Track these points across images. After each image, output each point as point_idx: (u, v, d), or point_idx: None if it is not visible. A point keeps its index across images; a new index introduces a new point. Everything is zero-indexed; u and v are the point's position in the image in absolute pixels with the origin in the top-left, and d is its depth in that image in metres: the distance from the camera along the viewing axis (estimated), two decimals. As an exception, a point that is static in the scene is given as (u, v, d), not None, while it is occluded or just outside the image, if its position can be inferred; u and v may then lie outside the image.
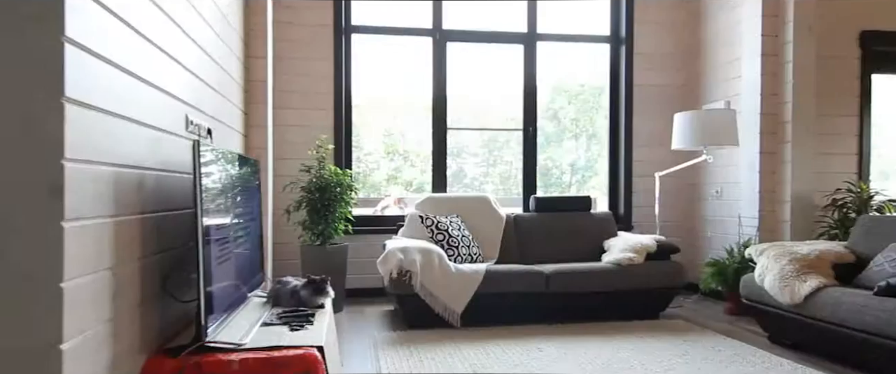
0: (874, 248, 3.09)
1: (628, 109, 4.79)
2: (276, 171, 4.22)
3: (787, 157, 3.89)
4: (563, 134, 5.13)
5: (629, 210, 4.80)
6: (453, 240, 3.77)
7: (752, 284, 3.23)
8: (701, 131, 3.75)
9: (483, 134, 5.06)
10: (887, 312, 2.46)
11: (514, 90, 4.78)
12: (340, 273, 3.90)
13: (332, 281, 2.43)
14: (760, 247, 3.30)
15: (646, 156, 4.81)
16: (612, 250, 3.87)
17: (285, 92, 4.34)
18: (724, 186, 4.40)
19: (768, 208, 3.98)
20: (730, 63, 4.36)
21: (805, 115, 3.89)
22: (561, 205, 4.28)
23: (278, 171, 4.25)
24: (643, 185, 4.81)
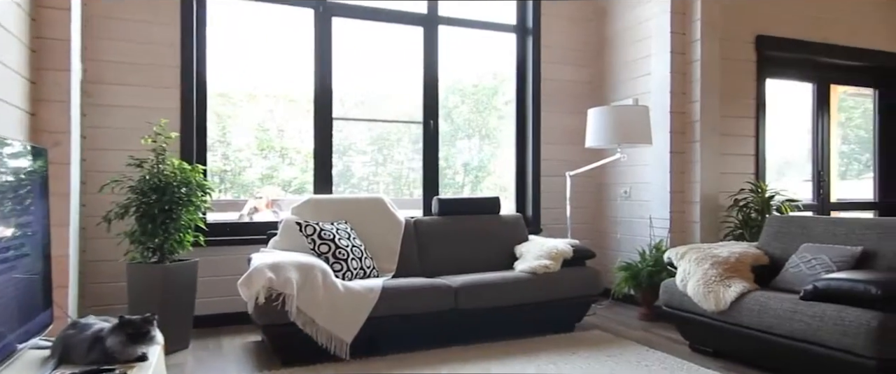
0: (786, 249, 3.04)
1: (536, 104, 4.55)
2: (90, 164, 3.35)
3: (696, 156, 3.83)
4: (457, 133, 4.81)
5: (537, 212, 4.56)
6: (341, 251, 3.18)
7: (674, 290, 3.06)
8: (616, 128, 3.56)
9: (372, 130, 4.56)
10: (817, 318, 2.33)
11: (412, 80, 4.34)
12: (187, 298, 3.07)
13: (176, 309, 1.79)
14: (679, 250, 3.14)
15: (553, 154, 4.60)
16: (526, 257, 3.57)
17: (106, 61, 3.40)
18: (633, 186, 4.29)
19: (678, 209, 3.90)
20: (636, 61, 4.25)
21: (711, 114, 3.85)
22: (467, 207, 3.91)
23: (95, 165, 3.36)
24: (550, 185, 4.59)
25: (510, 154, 4.72)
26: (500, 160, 4.87)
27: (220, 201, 4.06)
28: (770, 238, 3.17)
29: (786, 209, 3.86)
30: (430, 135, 4.34)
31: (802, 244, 2.94)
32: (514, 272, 3.39)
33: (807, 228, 3.02)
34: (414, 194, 4.66)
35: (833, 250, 2.74)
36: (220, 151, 4.07)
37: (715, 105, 3.87)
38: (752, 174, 4.19)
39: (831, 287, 2.34)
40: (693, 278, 2.91)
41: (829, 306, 2.33)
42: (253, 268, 2.74)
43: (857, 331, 2.18)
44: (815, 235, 2.95)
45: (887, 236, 2.63)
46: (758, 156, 4.21)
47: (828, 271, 2.65)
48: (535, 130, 4.55)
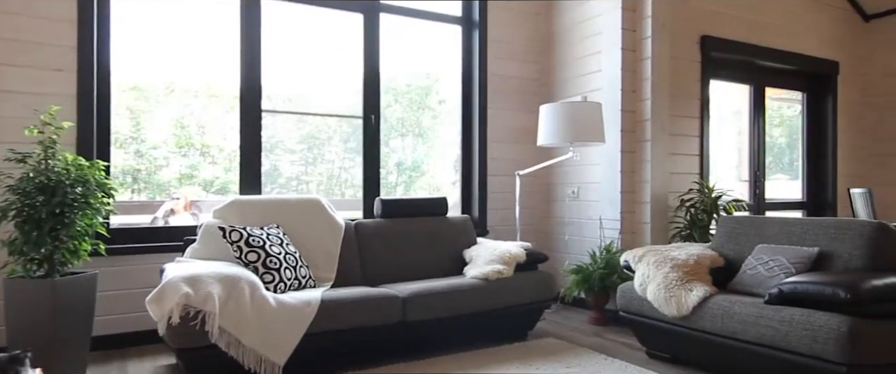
0: (741, 250, 2.99)
1: (482, 100, 4.34)
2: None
3: (647, 156, 3.76)
4: (390, 133, 4.55)
5: (484, 213, 4.36)
6: (273, 260, 2.80)
7: (632, 294, 2.93)
8: (568, 126, 3.41)
9: (302, 128, 4.19)
10: (784, 323, 2.25)
11: (350, 74, 4.02)
12: (82, 317, 2.58)
13: (69, 330, 1.43)
14: (636, 253, 3.03)
15: (500, 153, 4.42)
16: (476, 262, 3.35)
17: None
18: (582, 186, 4.18)
19: (628, 210, 3.81)
20: (586, 57, 4.14)
21: (662, 113, 3.79)
22: (413, 209, 3.64)
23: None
24: (497, 185, 4.41)
25: (445, 154, 4.53)
26: (434, 160, 4.67)
27: (130, 202, 3.58)
28: (723, 239, 3.12)
29: (731, 209, 3.87)
30: (372, 131, 4.03)
31: (757, 245, 2.89)
32: (465, 279, 3.15)
33: (760, 228, 2.98)
34: (345, 195, 4.36)
35: (790, 250, 2.69)
36: (132, 147, 3.59)
37: (665, 104, 3.81)
38: (697, 174, 4.19)
39: (798, 291, 2.26)
40: (653, 283, 2.79)
41: (797, 310, 2.25)
42: (166, 281, 2.34)
43: (827, 337, 2.10)
44: (769, 235, 2.92)
45: (842, 237, 2.61)
46: (702, 156, 4.21)
47: (786, 273, 2.59)
48: (482, 128, 4.35)
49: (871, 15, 5.32)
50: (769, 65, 4.68)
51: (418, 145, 4.74)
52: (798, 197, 5.21)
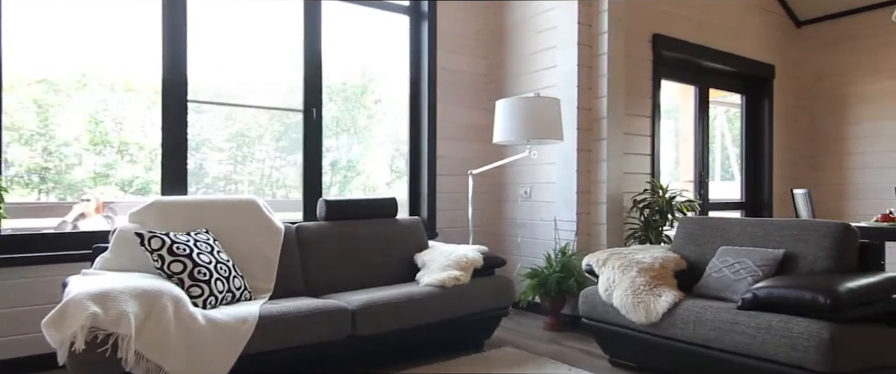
0: (703, 252, 2.91)
1: (432, 95, 4.10)
2: None
3: (603, 155, 3.64)
4: (325, 132, 4.25)
5: (433, 215, 4.12)
6: (201, 270, 2.42)
7: (596, 300, 2.78)
8: (527, 122, 3.22)
9: (231, 126, 3.80)
10: (762, 330, 2.15)
11: (286, 66, 3.67)
12: None
13: None
14: (599, 256, 2.88)
15: (450, 151, 4.19)
16: (430, 268, 3.10)
17: None
18: (534, 186, 4.02)
19: (584, 211, 3.68)
20: (539, 53, 3.99)
21: (618, 111, 3.69)
22: (360, 210, 3.35)
23: None
24: (446, 185, 4.18)
25: (381, 153, 4.29)
26: (369, 160, 4.43)
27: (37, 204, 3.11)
28: (684, 241, 3.03)
29: (684, 210, 3.82)
30: (313, 126, 3.69)
31: (720, 247, 2.82)
32: (419, 286, 2.89)
33: (722, 230, 2.91)
34: (277, 195, 4.02)
35: (755, 252, 2.63)
36: (40, 144, 3.11)
37: (621, 101, 3.72)
38: (649, 175, 4.13)
39: (774, 296, 2.17)
40: (619, 288, 2.65)
41: (774, 316, 2.16)
42: (68, 298, 1.94)
43: (807, 344, 2.01)
44: (731, 237, 2.85)
45: (806, 238, 2.56)
46: (653, 156, 4.16)
47: (753, 276, 2.52)
48: (431, 124, 4.11)
49: (803, 21, 5.52)
50: (713, 66, 4.72)
51: (354, 144, 4.48)
52: (737, 198, 5.32)
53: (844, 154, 5.26)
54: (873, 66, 5.07)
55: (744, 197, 5.30)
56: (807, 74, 5.51)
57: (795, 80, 5.54)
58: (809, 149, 5.50)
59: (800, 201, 4.22)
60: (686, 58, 4.45)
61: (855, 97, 5.20)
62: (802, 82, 5.53)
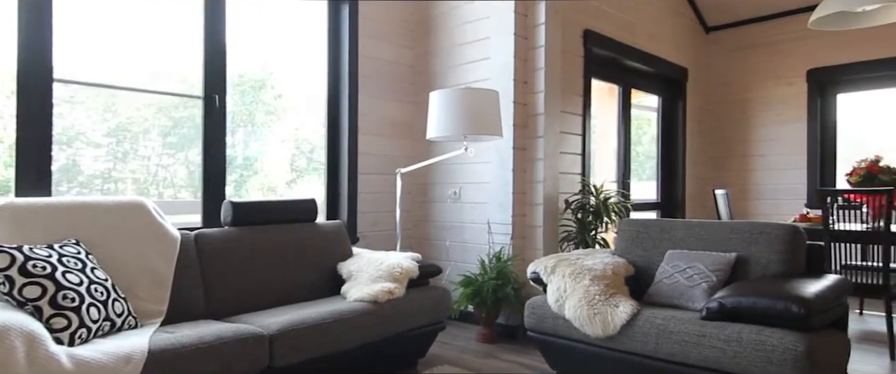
0: (649, 257, 2.77)
1: (353, 86, 3.69)
2: None
3: (539, 153, 3.43)
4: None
5: (354, 218, 3.71)
6: (68, 294, 1.86)
7: (545, 311, 2.54)
8: (465, 116, 2.92)
9: (110, 120, 3.16)
10: (732, 342, 2.00)
11: (183, 50, 3.11)
12: None
13: None
14: (547, 263, 2.64)
15: (372, 148, 3.80)
16: (358, 280, 2.70)
17: None
18: (464, 186, 3.74)
19: (520, 212, 3.45)
20: (471, 44, 3.71)
21: (554, 107, 3.50)
22: (275, 214, 2.87)
23: None
24: (367, 184, 3.78)
25: (281, 151, 3.85)
26: (269, 158, 3.96)
27: None
28: (629, 244, 2.88)
29: (618, 211, 3.72)
30: (216, 115, 3.15)
31: (667, 251, 2.69)
32: (347, 302, 2.49)
33: (668, 232, 2.78)
34: (164, 195, 3.43)
35: (707, 256, 2.51)
36: None
37: (558, 97, 3.53)
38: (580, 175, 4.00)
39: (743, 305, 2.03)
40: (572, 298, 2.42)
41: (744, 327, 2.01)
42: None
43: (783, 357, 1.88)
44: (677, 240, 2.73)
45: (757, 241, 2.48)
46: (585, 155, 4.03)
47: (707, 282, 2.39)
48: (352, 118, 3.69)
49: (712, 27, 5.72)
50: (636, 66, 4.71)
51: (251, 142, 3.97)
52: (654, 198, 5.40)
53: (748, 156, 5.50)
54: (773, 72, 5.34)
55: (659, 197, 5.39)
56: (715, 79, 5.72)
57: (705, 84, 5.73)
58: (717, 151, 5.72)
59: (721, 202, 4.30)
60: (613, 56, 4.38)
61: (757, 102, 5.45)
62: (711, 86, 5.74)
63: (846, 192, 3.32)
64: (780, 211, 5.28)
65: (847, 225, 3.40)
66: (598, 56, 4.25)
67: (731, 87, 5.61)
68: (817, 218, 3.63)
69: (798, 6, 5.13)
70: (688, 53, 5.43)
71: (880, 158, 3.65)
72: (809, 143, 5.15)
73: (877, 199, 3.28)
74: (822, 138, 5.15)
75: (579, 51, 4.01)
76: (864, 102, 5.03)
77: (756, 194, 5.43)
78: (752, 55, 5.47)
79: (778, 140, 5.33)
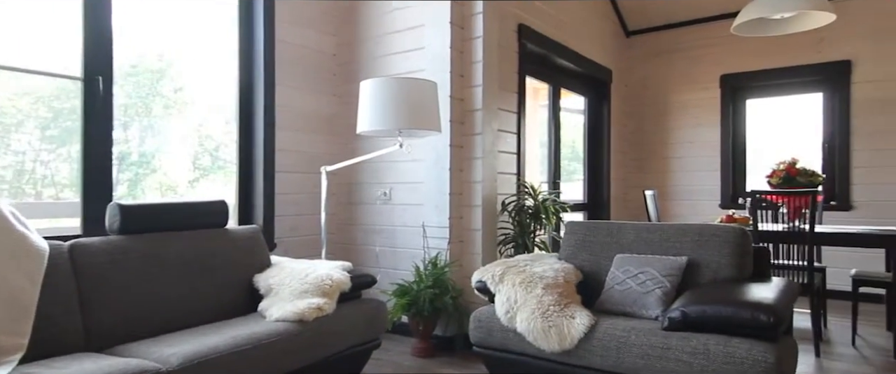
0: (597, 261, 2.63)
1: (269, 74, 3.28)
2: None
3: (477, 152, 3.21)
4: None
5: (271, 221, 3.30)
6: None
7: (493, 324, 2.31)
8: (401, 109, 2.63)
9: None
10: (699, 355, 1.87)
11: (64, 29, 2.59)
12: None
13: None
14: (494, 271, 2.42)
15: (289, 143, 3.41)
16: (279, 295, 2.33)
17: None
18: (394, 186, 3.45)
19: (456, 215, 3.22)
20: (401, 32, 3.43)
21: (492, 103, 3.30)
22: (175, 218, 2.43)
23: None
24: (286, 185, 3.39)
25: (183, 148, 3.40)
26: (169, 155, 3.50)
27: None
28: (575, 248, 2.73)
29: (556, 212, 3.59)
30: (99, 101, 2.64)
31: (616, 255, 2.56)
32: (267, 323, 2.12)
33: (615, 235, 2.66)
34: (43, 196, 2.88)
35: (657, 261, 2.40)
36: None
37: (495, 92, 3.33)
38: (516, 175, 3.83)
39: (708, 314, 1.91)
40: (524, 309, 2.21)
41: (710, 338, 1.89)
42: None
43: (754, 369, 1.77)
44: (626, 243, 2.61)
45: (707, 244, 2.41)
46: (520, 155, 3.88)
47: (661, 288, 2.28)
48: (268, 110, 3.28)
49: (632, 31, 5.81)
50: (565, 65, 4.64)
51: (148, 137, 3.47)
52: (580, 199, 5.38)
53: (667, 158, 5.64)
54: (690, 76, 5.51)
55: (586, 198, 5.38)
56: (635, 82, 5.82)
57: (627, 86, 5.82)
58: (637, 152, 5.81)
59: (650, 202, 4.32)
60: (545, 53, 4.26)
61: (675, 105, 5.60)
62: (632, 89, 5.83)
63: (776, 193, 3.39)
64: (697, 211, 5.45)
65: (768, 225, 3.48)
66: (531, 53, 4.11)
67: (651, 90, 5.72)
68: (742, 219, 3.69)
69: (711, 14, 5.32)
70: (612, 56, 5.47)
71: (797, 160, 3.79)
72: (723, 146, 5.35)
73: (796, 200, 3.38)
74: (733, 142, 5.36)
75: (514, 46, 3.85)
76: (771, 107, 5.29)
77: (675, 194, 5.57)
78: (670, 60, 5.61)
79: (694, 143, 5.50)
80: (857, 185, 4.68)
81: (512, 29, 3.83)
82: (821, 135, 4.95)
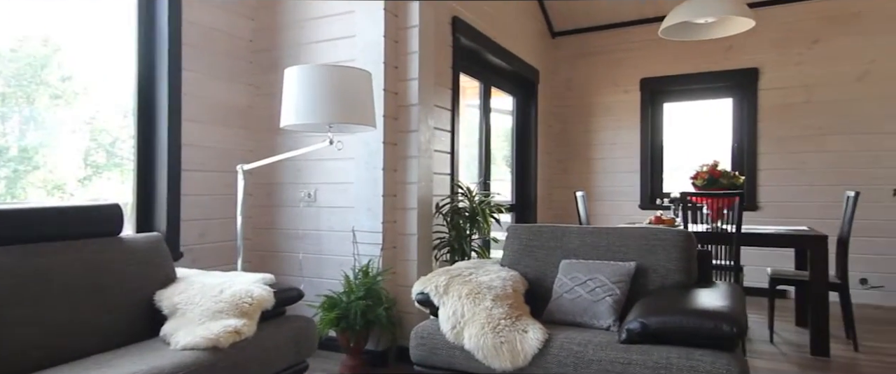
0: (542, 267, 2.50)
1: (174, 58, 2.86)
2: None
3: (413, 150, 2.99)
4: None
5: (176, 227, 2.89)
6: None
7: (437, 341, 2.10)
8: (333, 101, 2.34)
9: None
10: (661, 368, 1.77)
11: None
12: None
13: None
14: (437, 281, 2.21)
15: (198, 138, 3.01)
16: (187, 316, 1.98)
17: None
18: (320, 187, 3.15)
19: (390, 218, 2.97)
20: (328, 18, 3.13)
21: (428, 98, 3.09)
22: (54, 225, 2.00)
23: None
24: (195, 185, 2.99)
25: (72, 143, 2.95)
26: (55, 150, 3.03)
27: None
28: (519, 254, 2.58)
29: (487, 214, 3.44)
30: (-49, 79, 2.13)
31: (562, 261, 2.44)
32: (172, 351, 1.78)
33: (559, 239, 2.54)
34: None
35: (607, 267, 2.30)
36: None
37: (432, 87, 3.12)
38: (449, 175, 3.65)
39: (669, 325, 1.81)
40: (473, 324, 2.02)
41: (671, 350, 1.79)
42: None
43: (718, 383, 1.68)
44: (571, 248, 2.49)
45: (654, 249, 2.34)
46: (453, 154, 3.69)
47: (611, 295, 2.18)
48: (173, 100, 2.86)
49: (557, 32, 5.83)
50: (496, 62, 4.52)
51: (30, 130, 2.96)
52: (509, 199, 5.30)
53: (590, 159, 5.70)
54: (612, 79, 5.60)
55: (514, 199, 5.31)
56: (560, 83, 5.84)
57: (552, 87, 5.82)
58: (562, 153, 5.84)
59: (580, 204, 4.29)
60: (477, 49, 4.12)
61: (598, 107, 5.67)
62: (556, 90, 5.84)
63: (703, 195, 3.44)
64: (618, 212, 5.55)
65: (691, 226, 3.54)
66: (465, 47, 3.95)
67: (575, 91, 5.77)
68: (669, 220, 3.74)
69: (632, 18, 5.43)
70: (539, 56, 5.44)
71: (718, 162, 3.90)
72: (642, 147, 5.48)
73: (718, 201, 3.46)
74: (652, 144, 5.52)
75: (448, 39, 3.66)
76: (687, 111, 5.49)
77: (598, 195, 5.64)
78: (594, 62, 5.68)
79: (616, 144, 5.59)
80: (762, 186, 4.95)
81: (446, 21, 3.63)
82: (731, 138, 5.20)
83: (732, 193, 3.29)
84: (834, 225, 4.62)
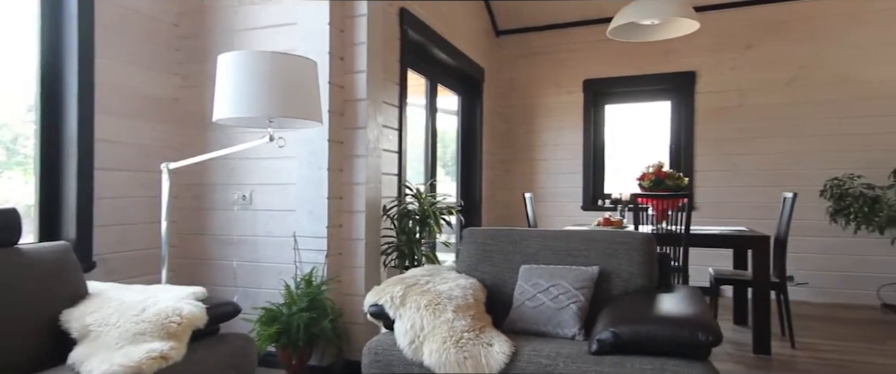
0: (500, 273, 2.37)
1: (85, 41, 2.52)
2: None
3: (360, 149, 2.78)
4: None
5: (88, 234, 2.54)
6: None
7: (394, 357, 1.92)
8: (275, 93, 2.10)
9: None
10: (633, 380, 1.67)
11: None
12: None
13: None
14: (392, 291, 2.03)
15: (116, 133, 2.67)
16: (101, 340, 1.70)
17: None
18: (256, 189, 2.88)
19: (335, 222, 2.75)
20: (265, 3, 2.87)
21: (376, 93, 2.89)
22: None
23: None
24: (110, 187, 2.65)
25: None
26: None
27: None
28: (476, 259, 2.44)
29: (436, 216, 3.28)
30: None
31: (521, 266, 2.32)
32: (83, 386, 1.50)
33: (518, 244, 2.42)
34: None
35: (569, 272, 2.20)
36: None
37: (380, 81, 2.92)
38: (397, 175, 3.46)
39: (643, 335, 1.72)
40: (434, 338, 1.85)
41: (645, 361, 1.70)
42: None
43: (696, 395, 1.61)
44: (531, 253, 2.38)
45: (616, 252, 2.26)
46: (401, 154, 3.51)
47: (575, 302, 2.08)
48: (85, 89, 2.52)
49: (501, 31, 5.76)
50: (443, 58, 4.38)
51: None
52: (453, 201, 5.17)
53: (533, 160, 5.67)
54: (555, 80, 5.59)
55: (459, 198, 5.18)
56: (504, 83, 5.77)
57: (497, 86, 5.75)
58: (505, 153, 5.78)
59: (529, 205, 4.22)
60: (424, 43, 3.95)
61: (541, 107, 5.65)
62: (501, 90, 5.78)
63: (651, 196, 3.44)
64: (561, 213, 5.55)
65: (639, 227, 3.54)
66: (412, 41, 3.77)
67: (519, 91, 5.72)
68: (617, 222, 3.73)
69: (575, 19, 5.45)
70: (484, 54, 5.34)
71: (663, 164, 3.93)
72: (585, 149, 5.51)
73: (663, 202, 3.48)
74: (594, 145, 5.55)
75: (396, 31, 3.47)
76: (627, 113, 5.57)
77: (541, 196, 5.62)
78: (537, 62, 5.65)
79: (559, 145, 5.59)
80: (699, 187, 5.08)
81: (394, 12, 3.45)
82: (669, 140, 5.31)
83: (680, 194, 3.31)
84: (768, 225, 4.80)
